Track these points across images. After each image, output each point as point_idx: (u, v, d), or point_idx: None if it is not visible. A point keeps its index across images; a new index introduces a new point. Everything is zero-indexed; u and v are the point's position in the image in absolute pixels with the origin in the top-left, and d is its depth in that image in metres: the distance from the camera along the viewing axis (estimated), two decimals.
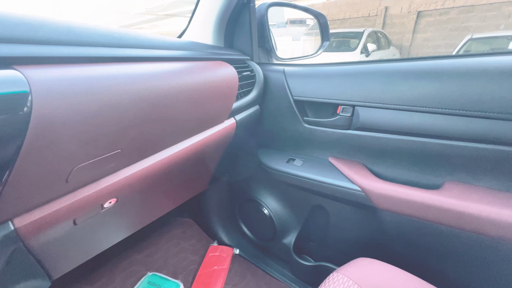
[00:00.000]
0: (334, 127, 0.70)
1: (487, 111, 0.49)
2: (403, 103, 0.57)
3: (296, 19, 2.05)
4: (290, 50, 1.16)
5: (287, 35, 2.08)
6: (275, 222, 0.93)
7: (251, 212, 1.02)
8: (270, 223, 0.94)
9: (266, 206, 0.94)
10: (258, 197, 0.96)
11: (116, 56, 0.41)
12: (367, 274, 0.53)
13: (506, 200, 0.51)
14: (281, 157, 0.83)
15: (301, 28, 1.66)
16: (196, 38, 0.83)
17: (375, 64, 0.63)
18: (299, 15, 1.54)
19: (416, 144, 0.58)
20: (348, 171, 0.68)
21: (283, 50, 1.13)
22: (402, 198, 0.58)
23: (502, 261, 0.52)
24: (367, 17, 7.41)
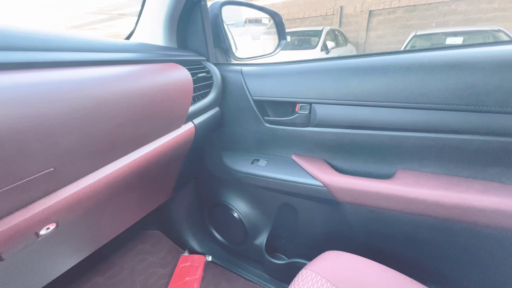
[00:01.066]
0: (294, 125, 0.71)
1: (427, 102, 0.52)
2: (354, 99, 0.59)
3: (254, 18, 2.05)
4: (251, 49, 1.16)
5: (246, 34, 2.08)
6: (246, 224, 0.92)
7: (221, 216, 0.99)
8: (240, 226, 0.93)
9: (235, 209, 0.93)
10: (227, 201, 0.94)
11: (43, 61, 0.36)
12: (334, 267, 0.54)
13: (449, 183, 0.56)
14: (246, 158, 0.82)
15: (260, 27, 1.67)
16: (146, 39, 0.78)
17: (328, 62, 0.64)
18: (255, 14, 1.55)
19: (368, 137, 0.61)
20: (310, 168, 0.69)
21: (244, 50, 1.12)
22: (359, 190, 0.61)
23: (451, 240, 0.57)
24: (325, 16, 7.76)
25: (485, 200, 0.50)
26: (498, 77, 0.46)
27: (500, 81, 0.46)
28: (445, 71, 0.50)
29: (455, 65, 0.49)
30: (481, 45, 0.50)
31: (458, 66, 0.49)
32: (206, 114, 0.74)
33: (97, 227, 0.58)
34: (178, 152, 0.69)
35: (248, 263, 1.01)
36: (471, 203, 0.51)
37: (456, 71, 0.49)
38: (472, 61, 0.48)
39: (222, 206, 0.96)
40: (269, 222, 0.91)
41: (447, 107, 0.51)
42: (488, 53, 0.48)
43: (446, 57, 0.51)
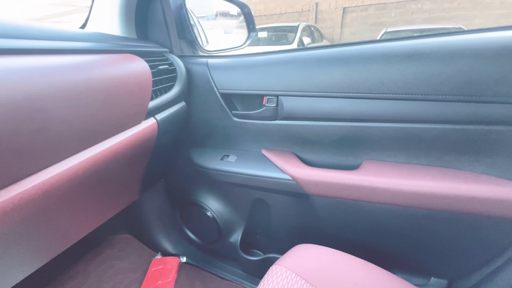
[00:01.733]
0: (262, 118, 0.69)
1: (388, 92, 0.53)
2: (320, 90, 0.59)
3: (225, 12, 2.00)
4: (224, 43, 1.12)
5: (218, 27, 2.02)
6: (219, 222, 0.89)
7: (193, 216, 0.96)
8: (214, 225, 0.90)
9: (208, 208, 0.90)
10: (199, 200, 0.91)
11: None
12: (305, 261, 0.54)
13: (410, 172, 0.57)
14: (215, 154, 0.79)
15: (232, 21, 1.63)
16: (102, 28, 0.71)
17: (293, 53, 0.63)
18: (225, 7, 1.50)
19: (335, 129, 0.61)
20: (279, 162, 0.68)
21: (216, 44, 1.08)
22: (327, 182, 0.61)
23: (414, 226, 0.59)
24: (301, 12, 7.84)
25: (441, 186, 0.52)
26: (452, 67, 0.48)
27: (453, 71, 0.48)
28: (403, 61, 0.51)
29: (413, 55, 0.50)
30: (437, 36, 0.51)
31: (415, 56, 0.50)
32: (170, 109, 0.70)
33: (45, 235, 0.52)
34: (140, 150, 0.64)
35: (223, 261, 0.99)
36: (430, 190, 0.53)
37: (414, 61, 0.50)
38: (428, 51, 0.49)
39: (195, 205, 0.92)
40: (243, 219, 0.89)
41: (406, 96, 0.52)
42: (442, 43, 0.49)
43: (404, 48, 0.51)
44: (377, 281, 0.49)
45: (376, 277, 0.50)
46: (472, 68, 0.46)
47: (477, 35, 0.47)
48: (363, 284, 0.49)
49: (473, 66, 0.46)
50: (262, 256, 0.88)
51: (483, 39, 0.46)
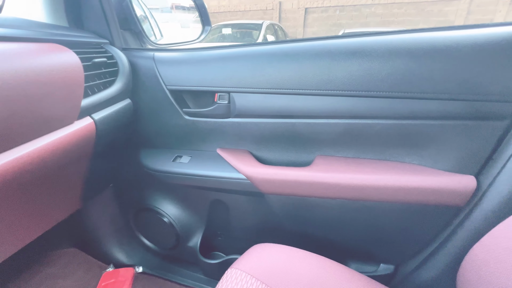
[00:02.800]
0: (215, 116, 0.66)
1: (335, 89, 0.54)
2: (271, 86, 0.58)
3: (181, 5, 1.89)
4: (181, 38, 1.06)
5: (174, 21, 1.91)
6: (177, 227, 0.84)
7: (148, 222, 0.89)
8: (171, 230, 0.85)
9: (164, 213, 0.84)
10: (153, 205, 0.85)
11: None
12: (260, 261, 0.52)
13: (358, 166, 0.59)
14: (167, 156, 0.74)
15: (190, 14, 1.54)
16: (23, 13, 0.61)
17: (244, 48, 0.61)
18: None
19: (288, 126, 0.61)
20: (234, 161, 0.66)
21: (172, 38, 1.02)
22: (281, 180, 0.61)
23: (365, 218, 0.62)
24: (265, 10, 7.90)
25: (385, 179, 0.55)
26: (390, 64, 0.50)
27: (391, 68, 0.50)
28: (348, 58, 0.52)
29: (356, 53, 0.52)
30: (377, 34, 0.53)
31: (358, 54, 0.52)
32: (112, 108, 0.63)
33: None
34: (76, 154, 0.57)
35: (183, 267, 0.94)
36: (375, 183, 0.56)
37: (357, 58, 0.52)
38: (369, 48, 0.51)
39: (149, 211, 0.86)
40: (201, 222, 0.86)
41: (351, 93, 0.53)
42: (382, 41, 0.51)
43: (348, 45, 0.53)
44: (331, 275, 0.50)
45: (330, 271, 0.51)
46: (406, 66, 0.49)
47: (411, 35, 0.50)
48: (317, 279, 0.49)
49: (407, 64, 0.49)
50: (223, 258, 0.85)
51: (416, 38, 0.50)
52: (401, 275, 0.69)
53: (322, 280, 0.49)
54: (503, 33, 0.46)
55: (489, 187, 0.50)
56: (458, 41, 0.47)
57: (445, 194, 0.52)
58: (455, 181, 0.52)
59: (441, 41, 0.48)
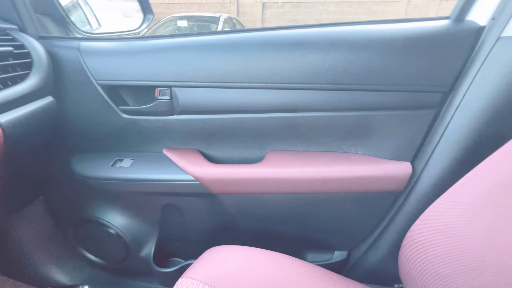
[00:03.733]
0: (157, 114, 0.60)
1: (281, 82, 0.53)
2: (215, 80, 0.54)
3: None
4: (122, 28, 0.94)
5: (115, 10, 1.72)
6: (125, 237, 0.76)
7: (92, 235, 0.79)
8: (119, 242, 0.77)
9: (109, 224, 0.75)
10: (96, 216, 0.75)
11: None
12: (213, 266, 0.50)
13: (308, 159, 0.60)
14: (105, 160, 0.65)
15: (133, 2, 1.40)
16: None
17: (184, 38, 0.56)
18: None
19: (237, 121, 0.58)
20: (182, 162, 0.61)
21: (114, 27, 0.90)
22: (231, 179, 0.58)
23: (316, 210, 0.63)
24: (223, 3, 7.72)
25: (334, 170, 0.57)
26: (332, 56, 0.50)
27: (333, 60, 0.50)
28: (292, 50, 0.51)
29: (300, 44, 0.51)
30: (320, 26, 0.53)
31: (302, 45, 0.51)
32: (26, 107, 0.52)
33: None
34: None
35: (137, 279, 0.86)
36: (325, 175, 0.57)
37: (301, 50, 0.51)
38: (312, 40, 0.51)
39: (91, 223, 0.76)
40: (154, 229, 0.79)
41: (297, 86, 0.53)
42: (324, 33, 0.51)
43: (292, 36, 0.52)
44: (286, 270, 0.50)
45: (285, 267, 0.50)
46: (347, 58, 0.50)
47: (350, 27, 0.51)
48: (272, 277, 0.48)
49: (347, 56, 0.50)
50: (181, 264, 0.81)
51: (355, 31, 0.51)
52: (353, 260, 0.72)
53: (277, 277, 0.49)
54: (432, 27, 0.49)
55: (422, 171, 0.54)
56: (392, 34, 0.49)
57: (385, 181, 0.56)
58: (394, 168, 0.55)
59: (377, 34, 0.49)
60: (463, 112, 0.48)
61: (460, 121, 0.49)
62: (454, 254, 0.32)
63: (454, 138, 0.50)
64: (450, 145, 0.50)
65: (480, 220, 0.31)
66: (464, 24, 0.48)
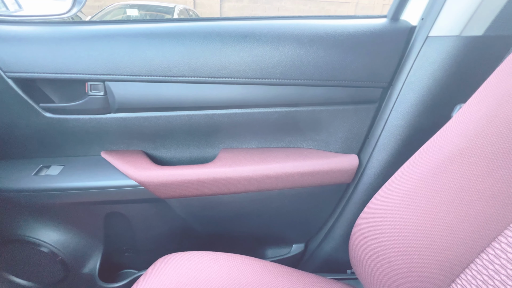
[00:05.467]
0: (89, 112, 0.52)
1: (228, 76, 0.50)
2: (155, 73, 0.49)
3: None
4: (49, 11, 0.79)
5: None
6: (61, 255, 0.66)
7: (19, 256, 0.67)
8: (54, 260, 0.66)
9: (39, 241, 0.64)
10: (22, 233, 0.64)
11: None
12: (165, 277, 0.45)
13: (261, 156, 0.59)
14: (25, 168, 0.55)
15: None
16: None
17: (118, 25, 0.49)
18: None
19: (184, 119, 0.54)
20: (122, 166, 0.55)
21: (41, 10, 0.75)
22: (180, 181, 0.54)
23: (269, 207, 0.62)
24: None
25: (286, 166, 0.56)
26: (280, 50, 0.49)
27: (281, 54, 0.49)
28: (239, 42, 0.49)
29: (247, 36, 0.49)
30: (267, 18, 0.52)
31: (249, 38, 0.49)
32: None
33: None
34: None
35: None
36: (277, 171, 0.56)
37: (248, 42, 0.49)
38: (259, 32, 0.49)
39: (18, 243, 0.64)
40: (98, 241, 0.70)
41: (245, 81, 0.51)
42: (271, 26, 0.50)
43: (239, 28, 0.49)
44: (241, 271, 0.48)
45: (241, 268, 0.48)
46: (294, 52, 0.49)
47: (297, 21, 0.51)
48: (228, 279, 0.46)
49: (295, 50, 0.49)
50: (134, 275, 0.74)
51: (302, 25, 0.50)
52: (309, 251, 0.74)
53: (233, 279, 0.47)
54: (371, 25, 0.51)
55: (367, 163, 0.58)
56: (336, 29, 0.50)
57: (335, 173, 0.57)
58: (342, 161, 0.58)
59: (322, 28, 0.50)
60: (400, 106, 0.52)
61: (398, 115, 0.52)
62: (394, 239, 0.34)
63: (394, 131, 0.53)
64: (390, 137, 0.54)
65: (414, 207, 0.33)
66: (398, 24, 0.51)
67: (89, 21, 0.52)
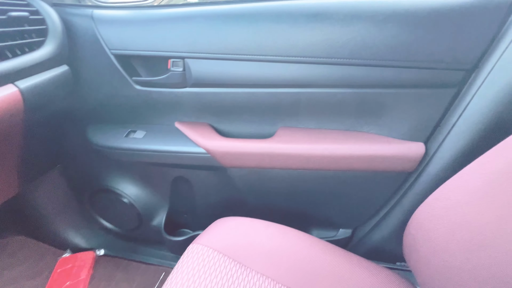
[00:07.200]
0: (170, 86, 0.60)
1: (296, 55, 0.51)
2: (228, 52, 0.53)
3: None
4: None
5: None
6: (138, 207, 0.80)
7: (106, 203, 0.83)
8: (132, 211, 0.81)
9: (123, 193, 0.79)
10: (110, 185, 0.79)
11: None
12: (222, 235, 0.52)
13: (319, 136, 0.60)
14: (119, 131, 0.67)
15: None
16: None
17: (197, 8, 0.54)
18: None
19: (249, 96, 0.58)
20: (193, 135, 0.62)
21: None
22: (242, 152, 0.59)
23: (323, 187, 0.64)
24: None
25: (344, 148, 0.56)
26: (351, 29, 0.48)
27: (352, 33, 0.48)
28: (309, 22, 0.49)
29: (317, 15, 0.49)
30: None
31: (320, 16, 0.49)
32: (43, 75, 0.53)
33: None
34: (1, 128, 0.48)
35: (148, 246, 0.91)
36: (334, 152, 0.56)
37: (318, 21, 0.49)
38: (331, 11, 0.48)
39: (106, 192, 0.80)
40: (164, 200, 0.82)
41: (312, 60, 0.51)
42: (343, 4, 0.49)
43: (310, 7, 0.49)
44: (292, 242, 0.51)
45: (291, 239, 0.52)
46: (367, 31, 0.47)
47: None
48: (278, 247, 0.50)
49: (368, 29, 0.47)
50: (190, 234, 0.84)
51: (377, 2, 0.48)
52: (357, 237, 0.74)
53: (283, 248, 0.50)
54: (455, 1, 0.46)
55: (435, 153, 0.54)
56: (417, 6, 0.46)
57: (397, 160, 0.55)
58: (406, 148, 0.55)
59: (401, 5, 0.47)
60: (486, 92, 0.46)
61: (481, 102, 0.47)
62: (459, 232, 0.33)
63: (473, 119, 0.48)
64: (468, 126, 0.49)
65: (490, 202, 0.30)
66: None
67: (172, 4, 0.59)
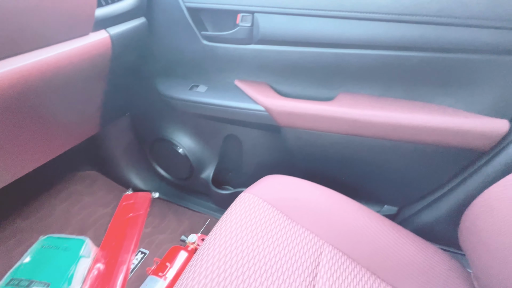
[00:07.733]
0: (235, 41, 0.61)
1: (372, 11, 0.48)
2: (300, 6, 0.51)
3: None
4: None
5: None
6: (191, 159, 0.88)
7: (164, 152, 0.93)
8: (185, 162, 0.89)
9: (179, 144, 0.87)
10: (169, 136, 0.87)
11: None
12: (271, 189, 0.55)
13: (383, 104, 0.57)
14: (183, 84, 0.72)
15: None
16: None
17: None
18: None
19: (313, 56, 0.57)
20: (252, 92, 0.64)
21: None
22: (300, 113, 0.59)
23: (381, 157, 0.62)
24: None
25: (407, 117, 0.53)
26: None
27: None
28: None
29: None
30: None
31: None
32: (127, 24, 0.59)
33: None
34: (91, 70, 0.55)
35: (195, 196, 1.01)
36: (396, 121, 0.53)
37: None
38: None
39: (165, 142, 0.88)
40: (214, 156, 0.88)
41: (392, 17, 0.47)
42: None
43: None
44: (338, 205, 0.52)
45: (338, 203, 0.53)
46: None
47: None
48: (325, 208, 0.52)
49: None
50: (234, 190, 0.91)
51: None
52: (402, 216, 0.72)
53: (331, 209, 0.52)
54: None
55: None
56: None
57: (472, 137, 0.50)
58: (486, 125, 0.49)
59: None
60: None
61: None
62: None
63: None
64: None
65: None
66: None
67: None
